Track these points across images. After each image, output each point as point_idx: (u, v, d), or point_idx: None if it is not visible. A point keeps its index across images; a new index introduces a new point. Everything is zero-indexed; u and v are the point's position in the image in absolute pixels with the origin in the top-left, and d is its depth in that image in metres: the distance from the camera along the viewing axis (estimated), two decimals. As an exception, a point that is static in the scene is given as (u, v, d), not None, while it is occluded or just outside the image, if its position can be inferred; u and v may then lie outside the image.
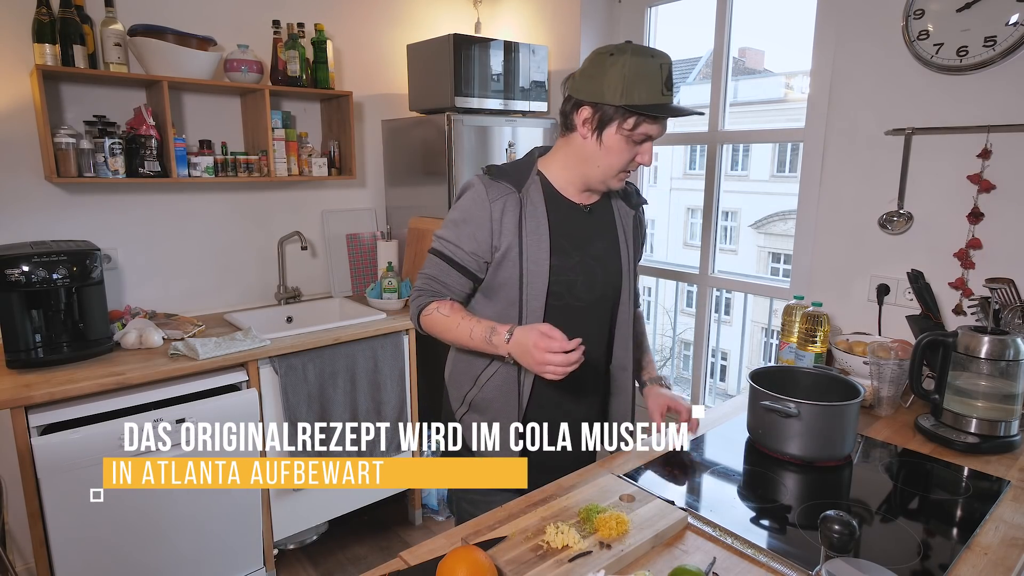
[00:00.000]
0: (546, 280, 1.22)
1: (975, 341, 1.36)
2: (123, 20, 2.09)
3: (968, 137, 1.68)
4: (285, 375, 2.07)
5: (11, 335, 1.77)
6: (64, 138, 1.95)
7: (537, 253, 1.22)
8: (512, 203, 1.22)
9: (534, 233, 1.22)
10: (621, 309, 1.34)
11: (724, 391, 7.19)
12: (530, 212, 1.23)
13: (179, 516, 1.89)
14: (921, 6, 1.71)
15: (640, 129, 1.15)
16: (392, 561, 0.96)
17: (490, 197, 1.21)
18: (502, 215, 1.21)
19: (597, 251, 1.29)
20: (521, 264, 1.22)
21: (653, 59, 1.12)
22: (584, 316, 1.28)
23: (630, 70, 1.11)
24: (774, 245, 10.56)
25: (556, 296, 1.24)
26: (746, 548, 0.98)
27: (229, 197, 2.50)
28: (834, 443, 1.25)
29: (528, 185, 1.24)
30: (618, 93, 1.12)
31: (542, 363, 1.06)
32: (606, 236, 1.32)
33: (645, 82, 1.11)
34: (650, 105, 1.12)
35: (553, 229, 1.23)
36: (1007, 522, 1.06)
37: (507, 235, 1.21)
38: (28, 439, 1.63)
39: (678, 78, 4.81)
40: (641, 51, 1.13)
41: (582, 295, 1.27)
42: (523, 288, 1.23)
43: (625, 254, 1.33)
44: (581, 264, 1.26)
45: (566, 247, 1.25)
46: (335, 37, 2.64)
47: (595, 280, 1.28)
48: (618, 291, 1.33)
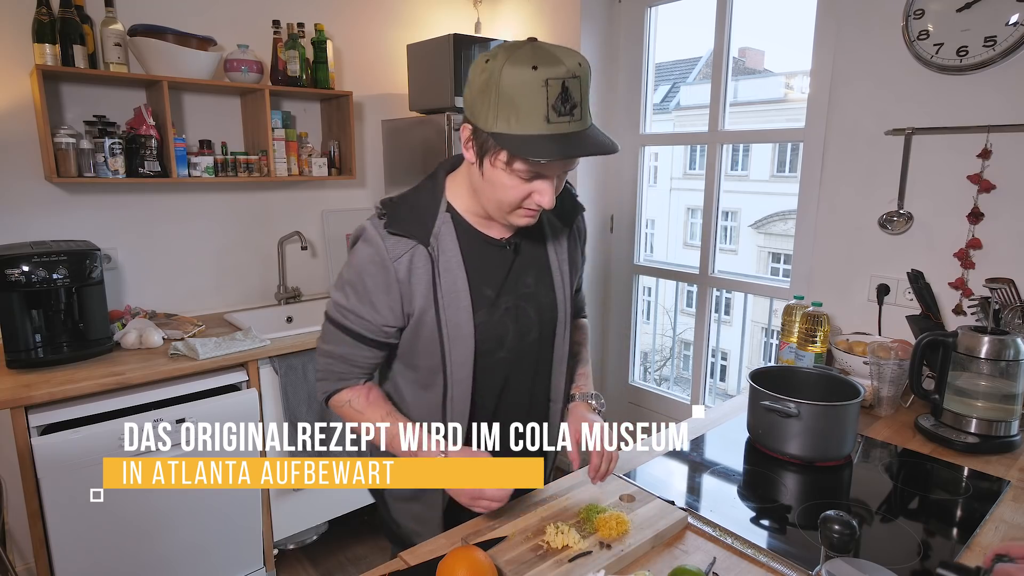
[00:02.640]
0: (471, 343, 1.02)
1: (975, 341, 1.36)
2: (123, 20, 2.09)
3: (968, 137, 1.68)
4: (285, 375, 2.07)
5: (11, 335, 1.77)
6: (64, 138, 1.95)
7: (457, 315, 1.00)
8: (420, 259, 0.99)
9: (451, 292, 1.00)
10: (557, 343, 1.13)
11: (724, 391, 7.19)
12: (444, 266, 1.00)
13: (179, 516, 1.89)
14: (921, 6, 1.71)
15: (518, 165, 0.88)
16: (392, 561, 0.97)
17: (391, 255, 0.98)
18: (409, 275, 0.99)
19: (527, 288, 1.08)
20: (441, 331, 1.01)
21: (536, 71, 0.82)
22: (519, 363, 1.10)
23: (503, 85, 0.83)
24: (774, 245, 10.56)
25: (485, 355, 1.05)
26: (746, 548, 0.98)
27: (229, 197, 2.50)
28: (834, 443, 1.25)
29: (438, 229, 1.00)
30: (489, 116, 0.86)
31: (476, 497, 0.98)
32: (535, 268, 1.09)
33: (522, 103, 0.83)
34: (526, 137, 0.84)
35: (473, 281, 1.01)
36: (1007, 522, 1.06)
37: (419, 298, 1.00)
38: (28, 439, 1.63)
39: (678, 78, 4.83)
40: (519, 57, 0.83)
41: (514, 344, 1.07)
42: (445, 357, 1.02)
43: (560, 284, 1.11)
44: (511, 311, 1.06)
45: (491, 297, 1.04)
46: (335, 37, 2.64)
47: (528, 322, 1.08)
48: (554, 325, 1.12)
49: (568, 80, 0.83)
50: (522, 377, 1.11)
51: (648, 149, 2.81)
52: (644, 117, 2.73)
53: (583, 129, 0.87)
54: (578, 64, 0.85)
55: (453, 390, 1.05)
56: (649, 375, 3.81)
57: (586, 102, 0.87)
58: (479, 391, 1.07)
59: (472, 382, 1.05)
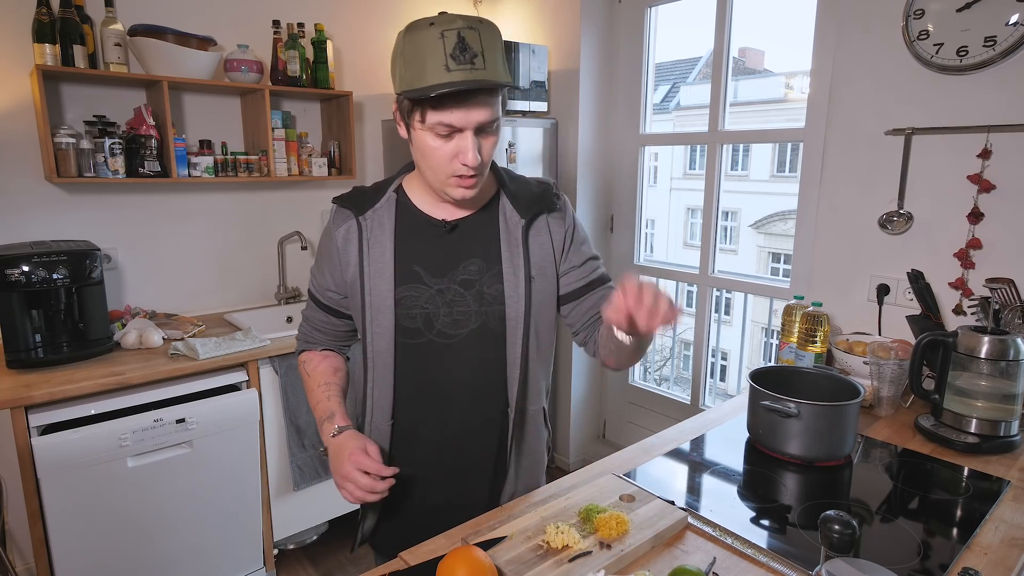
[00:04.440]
0: (391, 316, 1.04)
1: (975, 341, 1.36)
2: (123, 20, 2.09)
3: (968, 137, 1.68)
4: (285, 375, 2.07)
5: (11, 335, 1.76)
6: (64, 138, 1.95)
7: (379, 284, 1.04)
8: (354, 230, 1.07)
9: (378, 261, 1.05)
10: (510, 342, 1.06)
11: (724, 391, 7.20)
12: (376, 237, 1.06)
13: (179, 516, 1.89)
14: (921, 6, 1.71)
15: (430, 119, 0.92)
16: (392, 561, 0.96)
17: (334, 224, 1.10)
18: (345, 244, 1.08)
19: (468, 275, 1.05)
20: (363, 299, 1.05)
21: (433, 27, 0.88)
22: (455, 355, 1.06)
23: (407, 47, 0.90)
24: (774, 245, 10.57)
25: (409, 334, 1.05)
26: (746, 548, 0.98)
27: (229, 197, 2.50)
28: (834, 443, 1.25)
29: (379, 206, 1.07)
30: (399, 79, 0.93)
31: (345, 477, 0.95)
32: (481, 258, 1.06)
33: (422, 58, 0.88)
34: (427, 88, 0.88)
35: (401, 255, 1.05)
36: (1007, 522, 1.06)
37: (351, 267, 1.08)
38: (28, 439, 1.63)
39: (678, 78, 4.83)
40: (419, 23, 0.90)
41: (448, 330, 1.05)
42: (367, 326, 1.06)
43: (511, 278, 1.05)
44: (443, 293, 1.05)
45: (420, 275, 1.05)
46: (335, 37, 2.64)
47: (466, 311, 1.05)
48: (502, 320, 1.06)
49: (464, 31, 0.88)
50: (461, 371, 1.07)
51: (648, 149, 2.81)
52: (644, 117, 2.73)
53: (488, 78, 0.89)
54: (479, 20, 0.90)
55: (375, 361, 1.06)
56: (649, 375, 3.82)
57: (492, 55, 0.90)
58: (402, 372, 1.07)
59: (393, 360, 1.06)
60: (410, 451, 1.11)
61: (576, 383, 2.95)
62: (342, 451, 0.98)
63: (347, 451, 0.97)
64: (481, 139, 0.95)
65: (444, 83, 0.87)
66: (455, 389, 1.08)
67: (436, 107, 0.90)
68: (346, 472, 0.95)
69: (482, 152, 0.96)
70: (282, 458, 2.12)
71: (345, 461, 0.96)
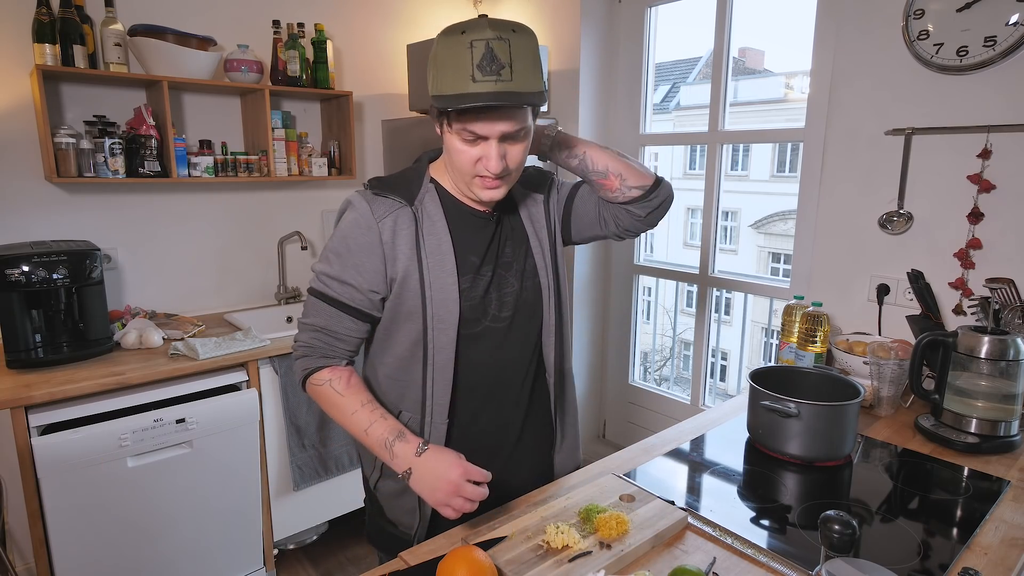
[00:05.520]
0: (456, 308, 1.02)
1: (975, 341, 1.36)
2: (123, 20, 2.09)
3: (968, 137, 1.68)
4: (285, 375, 2.07)
5: (11, 335, 1.76)
6: (64, 138, 1.95)
7: (442, 277, 1.02)
8: (405, 219, 1.02)
9: (436, 253, 1.02)
10: (546, 310, 1.14)
11: (724, 391, 7.20)
12: (428, 228, 1.03)
13: (179, 516, 1.89)
14: (921, 6, 1.71)
15: (456, 125, 0.94)
16: (392, 561, 0.97)
17: (376, 216, 1.01)
18: (394, 236, 1.01)
19: (506, 257, 1.10)
20: (424, 293, 1.01)
21: (463, 35, 0.88)
22: (504, 336, 1.10)
23: (439, 52, 0.91)
24: (774, 245, 10.57)
25: (469, 324, 1.05)
26: (746, 548, 0.98)
27: (229, 197, 2.50)
28: (834, 443, 1.25)
29: (422, 195, 1.05)
30: (431, 84, 0.94)
31: (455, 491, 0.92)
32: (512, 239, 1.12)
33: (451, 66, 0.89)
34: (455, 96, 0.89)
35: (459, 245, 1.04)
36: (1007, 522, 1.06)
37: (402, 260, 1.01)
38: (28, 439, 1.63)
39: (678, 78, 4.83)
40: (453, 28, 0.90)
41: (500, 313, 1.08)
42: (428, 322, 1.02)
43: (538, 248, 1.14)
44: (493, 280, 1.08)
45: (476, 263, 1.06)
46: (335, 37, 2.64)
47: (511, 291, 1.10)
48: (538, 291, 1.13)
49: (493, 42, 0.88)
50: (511, 351, 1.10)
51: (648, 149, 2.81)
52: (644, 117, 2.73)
53: (514, 90, 0.89)
54: (511, 31, 0.89)
55: (436, 357, 1.03)
56: (649, 375, 3.81)
57: (522, 64, 0.90)
58: (461, 364, 1.07)
59: (455, 352, 1.05)
60: (465, 442, 1.10)
61: (576, 383, 2.94)
62: (440, 464, 0.94)
63: (446, 463, 0.94)
64: (507, 145, 0.97)
65: (468, 94, 0.88)
66: (507, 371, 1.11)
67: (460, 116, 0.92)
68: (457, 485, 0.92)
69: (508, 158, 0.97)
70: (282, 458, 2.12)
71: (445, 482, 0.92)
